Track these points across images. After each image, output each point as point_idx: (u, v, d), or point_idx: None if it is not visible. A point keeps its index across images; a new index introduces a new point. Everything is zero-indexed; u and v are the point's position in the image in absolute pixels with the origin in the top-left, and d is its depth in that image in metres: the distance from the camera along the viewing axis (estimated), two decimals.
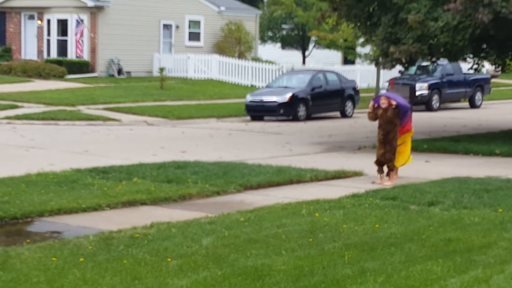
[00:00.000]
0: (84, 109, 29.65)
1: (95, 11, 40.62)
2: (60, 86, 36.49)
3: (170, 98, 34.15)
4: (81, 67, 40.62)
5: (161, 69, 38.15)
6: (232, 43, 45.93)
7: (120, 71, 41.38)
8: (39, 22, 42.46)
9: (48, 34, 42.16)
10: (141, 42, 42.33)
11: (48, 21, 42.03)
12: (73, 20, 40.72)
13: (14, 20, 43.21)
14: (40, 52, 42.53)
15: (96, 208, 12.30)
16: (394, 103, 15.31)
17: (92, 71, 40.98)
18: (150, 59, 43.09)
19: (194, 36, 45.72)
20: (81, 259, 8.72)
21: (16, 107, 29.40)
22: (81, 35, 39.86)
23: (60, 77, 39.24)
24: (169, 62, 42.75)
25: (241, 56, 45.42)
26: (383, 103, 15.33)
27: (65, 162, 16.77)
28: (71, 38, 41.10)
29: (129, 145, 21.35)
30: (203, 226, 10.71)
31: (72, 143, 20.98)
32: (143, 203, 12.92)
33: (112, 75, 41.03)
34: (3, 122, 25.96)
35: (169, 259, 8.80)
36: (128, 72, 41.90)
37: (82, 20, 40.13)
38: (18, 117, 26.80)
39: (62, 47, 41.64)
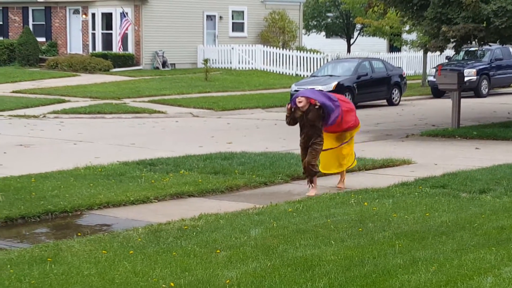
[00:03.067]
0: (130, 102, 29.86)
1: (139, 3, 40.84)
2: (105, 79, 36.80)
3: (214, 90, 34.22)
4: (126, 60, 40.89)
5: (205, 61, 38.25)
6: (276, 33, 45.86)
7: (164, 63, 41.58)
8: (84, 16, 42.84)
9: (93, 28, 42.51)
10: (185, 33, 42.47)
11: (93, 15, 42.38)
12: (117, 14, 40.98)
13: (59, 15, 43.65)
14: (85, 46, 42.91)
15: (144, 200, 12.38)
16: (316, 103, 12.86)
17: (137, 64, 41.24)
18: (194, 51, 43.21)
19: (238, 27, 45.74)
20: (131, 252, 8.79)
21: (63, 101, 29.71)
22: (127, 29, 40.07)
23: (106, 70, 39.56)
24: (213, 53, 42.84)
25: (285, 45, 45.33)
26: (300, 102, 12.84)
27: (113, 155, 16.91)
28: (115, 32, 41.37)
29: (175, 137, 21.44)
30: (251, 217, 10.72)
31: (119, 136, 21.14)
32: (191, 195, 12.97)
33: (157, 68, 41.25)
34: (50, 117, 26.26)
35: (218, 251, 8.83)
36: (173, 64, 42.10)
37: (126, 13, 40.37)
38: (65, 111, 27.08)
39: (107, 40, 41.95)
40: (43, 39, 43.58)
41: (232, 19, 45.54)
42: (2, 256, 8.64)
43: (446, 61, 36.09)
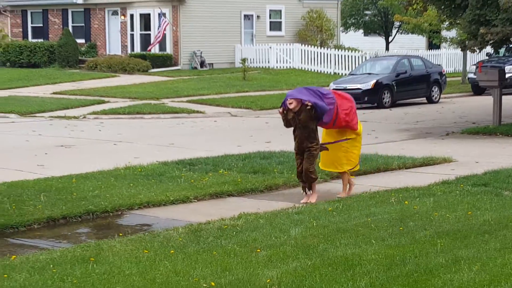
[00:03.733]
0: (169, 102, 30.00)
1: (177, 4, 41.00)
2: (144, 80, 37.01)
3: (252, 89, 34.24)
4: (164, 60, 41.08)
5: (243, 60, 38.29)
6: (313, 31, 45.76)
7: (202, 63, 41.70)
8: (122, 17, 43.12)
9: (132, 29, 42.77)
10: (223, 33, 42.55)
11: (131, 16, 42.64)
12: (155, 14, 41.17)
13: (98, 16, 44.00)
14: (124, 47, 43.20)
15: (184, 200, 12.43)
16: (308, 103, 12.10)
17: (175, 64, 41.41)
18: (232, 50, 43.28)
19: (275, 26, 45.73)
20: (172, 251, 8.82)
21: (102, 102, 29.94)
22: (164, 29, 40.23)
23: (144, 71, 39.79)
24: (251, 53, 42.87)
25: (323, 44, 45.21)
26: (291, 104, 12.17)
27: (152, 155, 17.00)
28: (154, 32, 41.56)
29: (213, 136, 21.50)
30: (291, 216, 10.71)
31: (158, 136, 21.25)
32: (230, 194, 12.99)
33: (195, 68, 41.38)
34: (90, 118, 26.49)
35: (258, 250, 8.82)
36: (211, 64, 42.20)
37: (164, 14, 40.54)
38: (105, 112, 27.29)
39: (146, 41, 42.16)
40: (82, 41, 43.96)
41: (270, 18, 45.53)
42: (45, 256, 8.72)
43: (487, 58, 35.71)
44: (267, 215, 10.87)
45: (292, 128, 12.48)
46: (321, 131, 12.91)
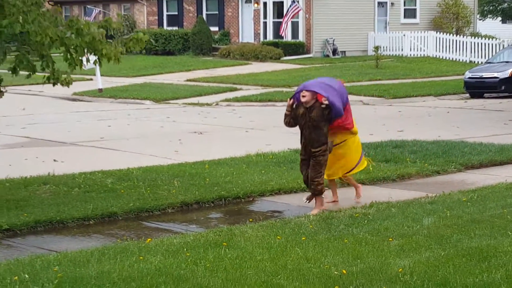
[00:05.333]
0: None
1: None
2: (276, 67, 37.23)
3: (385, 77, 33.89)
4: (296, 48, 41.19)
5: (376, 48, 37.93)
6: (449, 19, 44.83)
7: (335, 51, 41.57)
8: (255, 5, 43.46)
9: (265, 16, 43.05)
10: (356, 21, 42.27)
11: (265, 4, 42.89)
12: (288, 2, 41.27)
13: (232, 4, 44.51)
14: (256, 34, 43.56)
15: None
16: (325, 100, 10.47)
17: (307, 52, 41.45)
18: (365, 38, 42.94)
19: (410, 13, 45.06)
20: (303, 238, 8.87)
21: (235, 89, 30.32)
22: (295, 14, 40.20)
23: (276, 59, 40.01)
24: (384, 41, 42.42)
25: (458, 31, 44.23)
26: (304, 97, 10.56)
27: (283, 142, 17.06)
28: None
29: None
30: (424, 206, 10.58)
31: None
32: (362, 182, 12.87)
33: (327, 55, 41.30)
34: (223, 105, 26.88)
35: (390, 239, 8.76)
36: (343, 52, 42.02)
37: (297, 1, 40.59)
38: (237, 99, 27.63)
39: (278, 29, 42.30)
40: (215, 29, 44.59)
41: (404, 5, 44.90)
42: (179, 240, 8.93)
43: None
44: (399, 204, 10.78)
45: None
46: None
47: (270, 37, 42.71)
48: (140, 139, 18.42)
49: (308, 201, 11.04)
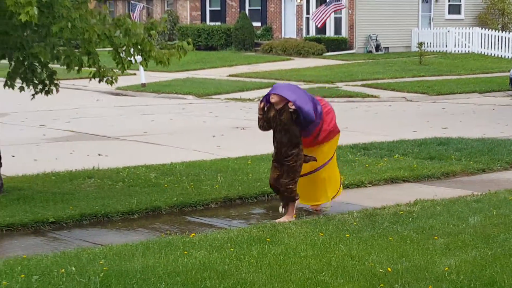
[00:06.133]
0: (343, 86, 29.94)
1: None
2: (318, 63, 37.12)
3: (429, 73, 33.59)
4: (339, 44, 41.04)
5: (420, 44, 37.60)
6: (494, 15, 44.33)
7: (377, 47, 41.34)
8: (298, 1, 43.35)
9: (307, 12, 42.90)
10: (399, 17, 41.99)
11: None
12: None
13: (275, 0, 44.46)
14: (299, 30, 43.47)
15: (358, 184, 12.42)
16: (291, 105, 9.87)
17: (350, 48, 41.27)
18: (408, 34, 42.63)
19: (454, 9, 44.63)
20: (347, 235, 8.84)
21: None
22: (335, 11, 39.95)
23: (319, 54, 39.90)
24: (428, 37, 42.07)
25: (504, 28, 43.72)
26: (273, 98, 10.03)
27: None
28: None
29: (388, 121, 21.30)
30: (469, 204, 10.48)
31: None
32: (405, 180, 12.86)
33: (370, 51, 41.09)
34: None
35: (435, 237, 8.70)
36: (386, 48, 41.77)
37: None
38: None
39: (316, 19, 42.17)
40: (258, 24, 44.58)
41: (449, 1, 44.47)
42: (222, 235, 8.95)
43: None
44: (444, 202, 10.70)
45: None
46: None
47: (312, 32, 42.59)
48: (183, 134, 18.50)
49: (283, 209, 10.32)
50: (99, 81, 10.96)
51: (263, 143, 16.49)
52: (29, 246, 9.16)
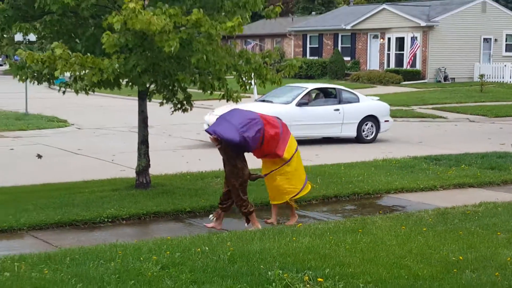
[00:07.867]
0: (417, 109, 29.36)
1: (427, 29, 40.06)
2: (396, 90, 36.56)
3: (488, 100, 32.61)
4: (413, 75, 40.34)
5: (481, 76, 36.62)
6: None
7: (445, 78, 40.47)
8: (381, 40, 42.89)
9: (388, 49, 42.41)
10: (464, 53, 41.02)
11: (388, 39, 42.27)
12: (408, 38, 40.54)
13: (362, 39, 44.10)
14: (381, 63, 42.95)
15: (431, 188, 12.16)
16: (216, 143, 9.13)
17: (423, 78, 40.51)
18: (471, 67, 41.58)
19: (510, 47, 43.32)
20: (424, 229, 8.65)
21: None
22: (414, 50, 39.47)
23: (397, 83, 39.31)
24: (488, 70, 40.92)
25: None
26: (211, 139, 9.24)
27: (404, 151, 16.77)
28: (406, 52, 40.97)
29: (455, 138, 20.76)
30: None
31: (408, 136, 20.89)
32: (470, 185, 12.52)
33: (439, 81, 40.23)
34: None
35: (498, 233, 8.42)
36: (452, 78, 40.83)
37: (416, 37, 39.80)
38: None
39: (399, 59, 41.68)
40: (348, 58, 44.31)
41: (506, 41, 43.18)
42: (322, 226, 8.90)
43: None
44: (504, 204, 10.35)
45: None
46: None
47: (392, 65, 42.02)
48: None
49: (247, 223, 9.35)
50: (227, 101, 11.08)
51: (352, 153, 16.37)
52: (171, 230, 9.33)
